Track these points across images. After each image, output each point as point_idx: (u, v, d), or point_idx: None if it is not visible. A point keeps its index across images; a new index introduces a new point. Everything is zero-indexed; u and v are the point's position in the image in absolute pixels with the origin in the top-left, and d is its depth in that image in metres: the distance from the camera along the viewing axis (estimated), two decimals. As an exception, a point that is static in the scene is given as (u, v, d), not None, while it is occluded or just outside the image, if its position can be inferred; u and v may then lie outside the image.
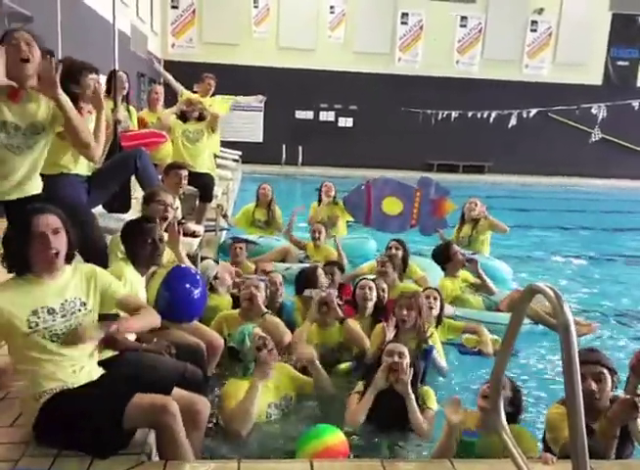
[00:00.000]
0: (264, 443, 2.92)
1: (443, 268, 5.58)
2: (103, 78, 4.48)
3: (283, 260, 6.26)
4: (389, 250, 5.56)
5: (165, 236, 3.52)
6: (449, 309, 4.98)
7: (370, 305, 4.30)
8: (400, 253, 5.45)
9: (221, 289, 4.44)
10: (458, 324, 4.71)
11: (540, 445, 2.89)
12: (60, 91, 2.81)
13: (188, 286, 3.21)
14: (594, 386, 2.61)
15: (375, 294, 4.33)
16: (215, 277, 4.38)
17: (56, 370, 2.33)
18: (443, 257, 5.57)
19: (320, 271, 4.78)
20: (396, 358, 3.13)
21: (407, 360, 3.13)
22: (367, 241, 7.28)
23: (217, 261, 4.68)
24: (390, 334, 3.80)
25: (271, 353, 3.13)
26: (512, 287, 6.10)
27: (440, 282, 5.42)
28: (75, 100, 3.39)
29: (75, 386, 2.35)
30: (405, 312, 3.83)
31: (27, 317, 2.28)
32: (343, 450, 2.71)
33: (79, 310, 2.42)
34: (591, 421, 2.49)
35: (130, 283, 2.83)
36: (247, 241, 6.04)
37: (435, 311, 4.41)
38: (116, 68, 4.83)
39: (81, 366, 2.41)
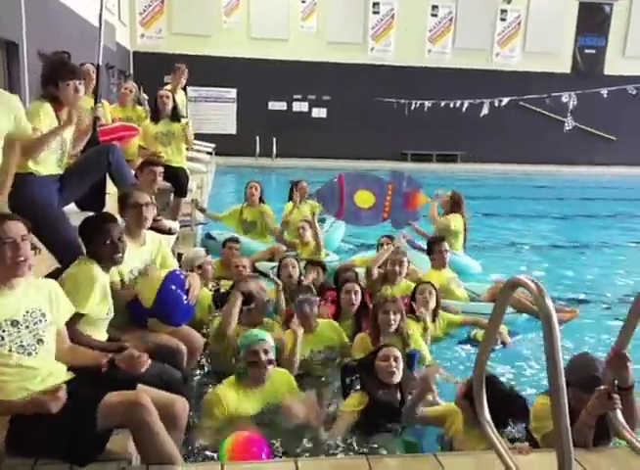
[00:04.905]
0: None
1: (431, 259, 5.61)
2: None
3: (271, 259, 6.17)
4: (381, 246, 5.55)
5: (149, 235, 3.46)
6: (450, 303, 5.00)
7: (354, 309, 4.29)
8: (392, 248, 5.43)
9: (203, 278, 4.40)
10: (456, 318, 4.71)
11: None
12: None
13: (180, 292, 3.22)
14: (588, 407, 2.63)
15: (359, 298, 4.31)
16: (199, 267, 4.35)
17: (23, 381, 2.26)
18: (429, 249, 5.60)
19: (290, 262, 4.77)
20: (393, 363, 3.15)
21: (402, 365, 3.19)
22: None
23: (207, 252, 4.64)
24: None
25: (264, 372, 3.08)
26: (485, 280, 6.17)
27: (427, 273, 5.44)
28: (55, 99, 3.34)
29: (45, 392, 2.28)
30: (392, 316, 3.82)
31: None
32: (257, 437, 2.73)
33: (40, 322, 2.36)
34: (575, 417, 2.53)
35: (92, 282, 2.77)
36: (232, 239, 5.89)
37: (432, 305, 4.39)
38: (100, 63, 4.69)
39: (49, 372, 2.36)
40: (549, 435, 2.54)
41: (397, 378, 3.17)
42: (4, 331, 2.22)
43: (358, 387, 3.28)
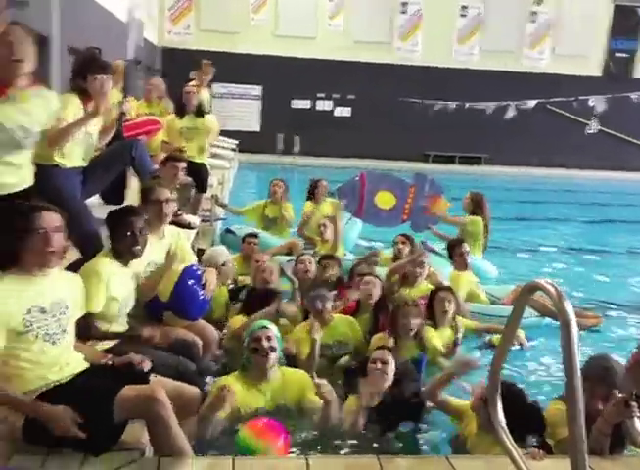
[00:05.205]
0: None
1: (453, 263, 5.54)
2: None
3: (289, 253, 6.19)
4: (396, 245, 5.53)
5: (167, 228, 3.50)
6: (466, 306, 4.96)
7: (372, 301, 4.26)
8: (407, 248, 5.41)
9: (223, 278, 4.45)
10: (471, 324, 4.67)
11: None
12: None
13: (196, 287, 3.26)
14: (600, 406, 2.62)
15: (379, 291, 4.28)
16: (223, 265, 4.40)
17: (42, 370, 2.31)
18: (450, 252, 5.55)
19: (307, 259, 4.78)
20: (379, 365, 3.13)
21: (392, 367, 3.16)
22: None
23: None
24: (390, 343, 3.75)
25: (267, 359, 2.99)
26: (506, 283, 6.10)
27: (451, 276, 5.37)
28: (83, 92, 3.41)
29: (62, 381, 2.34)
30: (413, 321, 3.79)
31: (23, 316, 2.26)
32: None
33: (64, 313, 2.41)
34: (590, 423, 2.50)
35: (106, 279, 2.84)
36: (252, 235, 5.92)
37: (451, 315, 4.30)
38: (129, 58, 4.74)
39: (66, 362, 2.41)
40: (563, 441, 2.51)
41: (386, 383, 3.13)
42: (33, 317, 2.27)
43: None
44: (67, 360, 2.41)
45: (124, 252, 3.00)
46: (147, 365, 2.49)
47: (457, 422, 3.01)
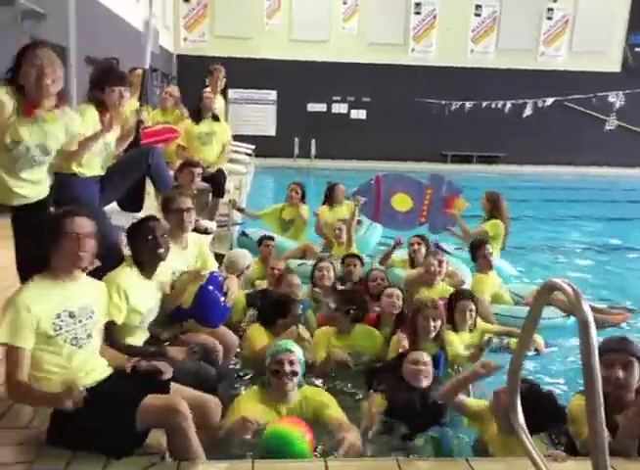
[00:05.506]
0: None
1: (477, 264, 5.48)
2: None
3: (303, 257, 6.19)
4: (412, 246, 5.52)
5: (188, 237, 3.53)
6: (491, 308, 4.93)
7: (395, 312, 4.23)
8: (423, 248, 5.39)
9: (243, 280, 4.47)
10: (491, 328, 4.62)
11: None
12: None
13: (218, 294, 3.26)
14: (621, 374, 2.59)
15: (400, 302, 4.24)
16: (247, 267, 4.43)
17: (70, 373, 2.36)
18: (473, 254, 5.48)
19: (325, 266, 4.78)
20: (422, 367, 3.15)
21: (430, 368, 3.19)
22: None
23: None
24: (406, 344, 3.73)
25: (287, 383, 2.92)
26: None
27: (476, 278, 5.34)
28: (101, 103, 3.45)
29: (86, 386, 2.37)
30: (433, 323, 3.77)
31: (53, 320, 2.32)
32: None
33: (90, 318, 2.47)
34: (616, 413, 2.46)
35: (127, 291, 2.85)
36: (268, 237, 5.93)
37: (471, 321, 4.26)
38: (147, 67, 4.80)
39: (92, 368, 2.46)
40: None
41: (426, 382, 3.14)
42: (62, 321, 2.34)
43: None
44: (92, 366, 2.46)
45: (148, 261, 3.01)
46: (169, 373, 2.52)
47: (475, 425, 2.99)
